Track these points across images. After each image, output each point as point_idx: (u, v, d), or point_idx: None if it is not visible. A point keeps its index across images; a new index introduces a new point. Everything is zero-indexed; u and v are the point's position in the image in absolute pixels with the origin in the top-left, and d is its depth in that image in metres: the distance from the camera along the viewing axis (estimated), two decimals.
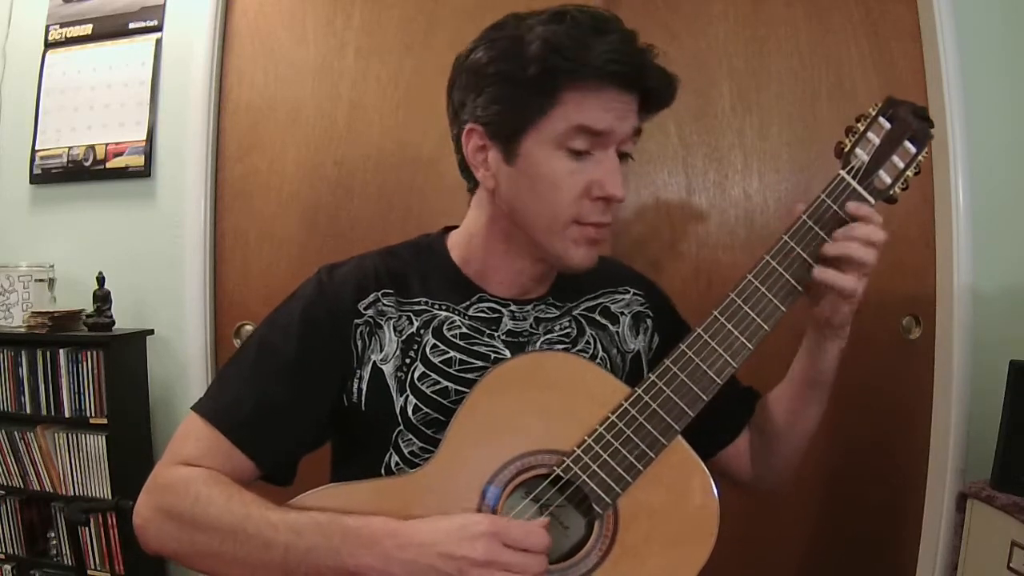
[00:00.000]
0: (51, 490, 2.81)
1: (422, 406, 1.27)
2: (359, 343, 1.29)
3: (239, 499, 1.14)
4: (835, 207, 1.21)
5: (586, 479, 1.14)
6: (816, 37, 2.64)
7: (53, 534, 2.87)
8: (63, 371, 2.75)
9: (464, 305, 1.34)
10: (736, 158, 2.67)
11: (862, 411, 2.61)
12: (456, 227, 1.44)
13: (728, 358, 1.17)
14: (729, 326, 1.18)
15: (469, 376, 1.28)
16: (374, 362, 1.29)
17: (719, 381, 1.17)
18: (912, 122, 1.24)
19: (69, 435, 2.74)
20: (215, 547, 1.12)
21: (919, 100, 2.47)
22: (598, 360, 1.37)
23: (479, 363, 1.29)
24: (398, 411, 1.27)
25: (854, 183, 1.22)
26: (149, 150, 2.92)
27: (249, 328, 2.80)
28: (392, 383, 1.28)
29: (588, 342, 1.38)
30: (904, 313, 2.62)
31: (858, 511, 2.67)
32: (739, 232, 2.66)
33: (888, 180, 1.23)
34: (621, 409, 1.16)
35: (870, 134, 1.24)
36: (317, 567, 1.09)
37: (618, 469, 1.14)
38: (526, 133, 1.23)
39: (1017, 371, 2.12)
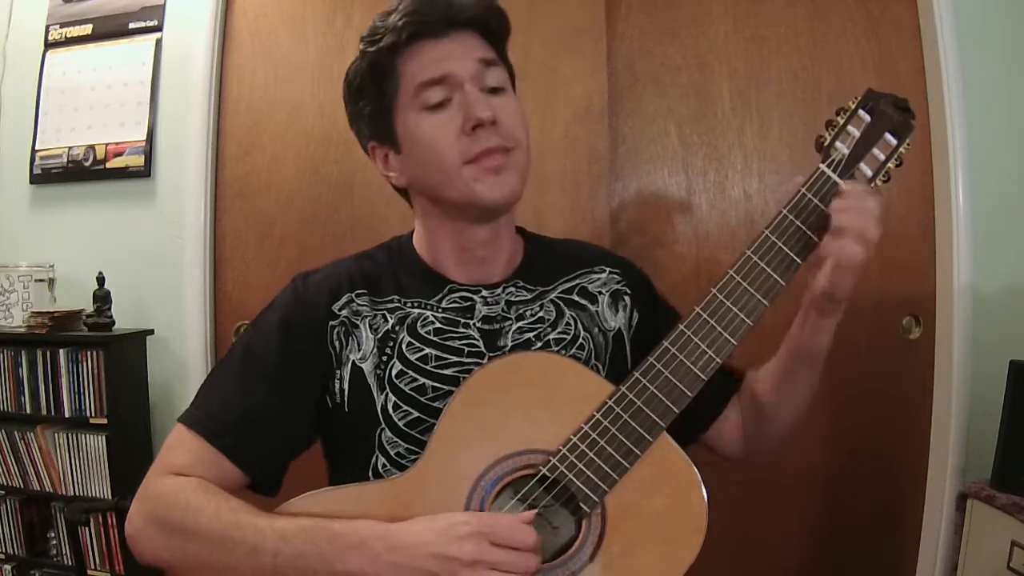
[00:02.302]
0: (51, 490, 2.82)
1: (401, 404, 1.27)
2: (336, 344, 1.30)
3: (227, 507, 1.14)
4: (816, 200, 1.20)
5: (572, 478, 1.13)
6: (816, 37, 2.64)
7: (53, 534, 2.88)
8: (63, 371, 2.76)
9: (436, 299, 1.34)
10: (736, 158, 2.67)
11: (862, 411, 2.61)
12: None
13: (712, 354, 1.16)
14: (712, 322, 1.17)
15: (446, 372, 1.28)
16: (353, 361, 1.29)
17: (703, 377, 1.16)
18: (892, 114, 1.23)
19: (69, 435, 2.75)
20: (205, 556, 1.13)
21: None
22: (580, 339, 1.37)
23: (454, 358, 1.29)
24: (379, 410, 1.27)
25: (834, 176, 1.21)
26: (149, 150, 2.92)
27: None
28: (372, 381, 1.28)
29: (568, 323, 1.37)
30: (904, 313, 2.62)
31: (858, 511, 2.67)
32: (739, 232, 2.66)
33: (869, 172, 1.22)
34: (606, 407, 1.15)
35: (850, 127, 1.23)
36: (305, 572, 1.09)
37: (604, 467, 1.13)
38: (393, 117, 1.32)
39: (1017, 371, 2.12)
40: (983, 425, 2.38)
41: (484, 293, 1.36)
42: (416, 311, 1.33)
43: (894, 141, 1.23)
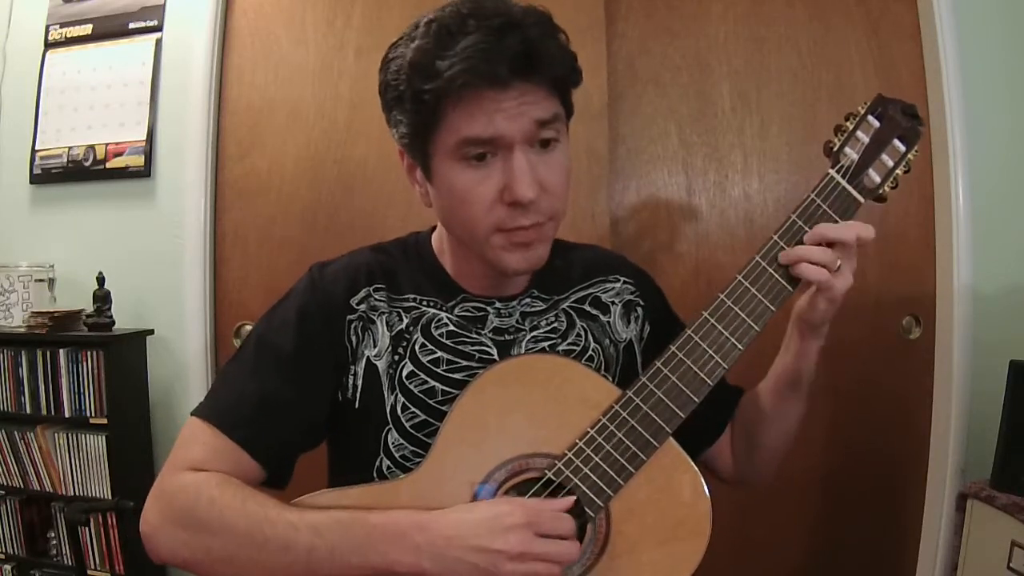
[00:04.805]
0: (51, 490, 2.81)
1: (409, 405, 1.26)
2: (353, 338, 1.29)
3: (255, 501, 1.12)
4: (824, 206, 1.20)
5: (577, 482, 1.13)
6: (816, 37, 2.64)
7: (53, 534, 2.88)
8: (63, 371, 2.75)
9: (451, 304, 1.34)
10: (736, 158, 2.67)
11: (862, 411, 2.61)
12: None
13: (719, 359, 1.16)
14: (719, 327, 1.17)
15: (456, 376, 1.28)
16: (368, 357, 1.28)
17: (709, 383, 1.16)
18: (901, 120, 1.23)
19: (69, 435, 2.74)
20: (231, 552, 1.10)
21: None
22: (590, 351, 1.36)
23: (465, 362, 1.29)
24: (388, 410, 1.26)
25: (843, 182, 1.21)
26: (149, 150, 2.92)
27: (249, 328, 2.79)
28: (384, 380, 1.28)
29: (579, 334, 1.37)
30: (904, 313, 2.62)
31: (858, 511, 2.67)
32: (739, 232, 2.66)
33: (878, 179, 1.23)
34: (612, 412, 1.15)
35: (859, 133, 1.23)
36: (341, 566, 1.07)
37: (609, 472, 1.13)
38: (429, 153, 1.21)
39: (1017, 371, 2.12)
40: (983, 425, 2.38)
41: (498, 305, 1.35)
42: (431, 311, 1.32)
43: (903, 147, 1.23)
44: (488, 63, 1.09)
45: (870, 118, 1.24)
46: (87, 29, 3.01)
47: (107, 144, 2.96)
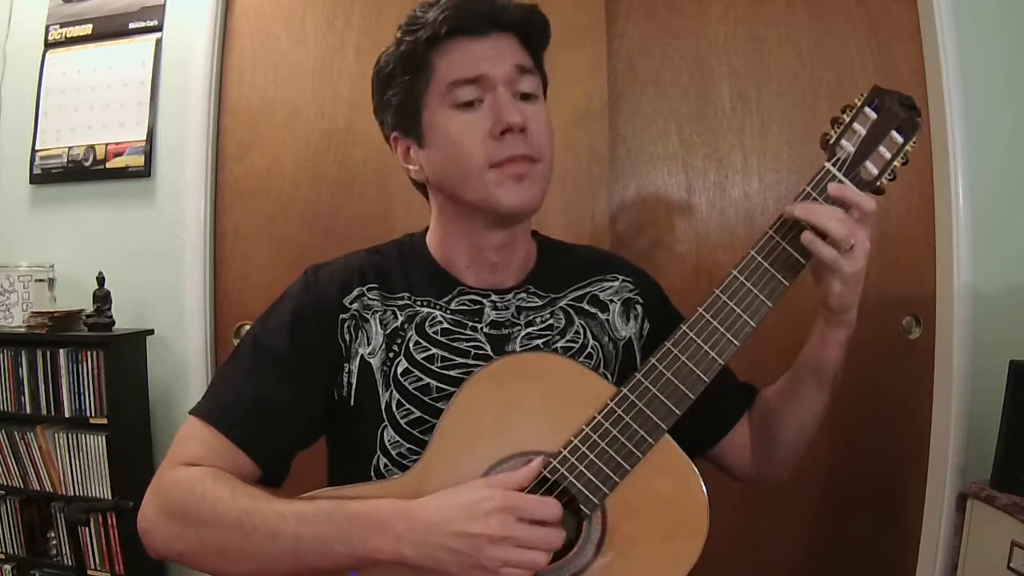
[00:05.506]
0: (51, 490, 2.81)
1: (404, 402, 1.27)
2: (346, 336, 1.30)
3: (244, 493, 1.14)
4: (820, 199, 1.19)
5: (573, 480, 1.13)
6: (816, 37, 2.64)
7: (53, 534, 2.88)
8: (63, 371, 2.76)
9: (446, 299, 1.35)
10: (736, 158, 2.66)
11: (862, 411, 2.60)
12: None
13: (715, 355, 1.16)
14: (715, 323, 1.16)
15: (451, 373, 1.28)
16: (362, 355, 1.30)
17: (706, 379, 1.15)
18: (899, 112, 1.22)
19: (69, 435, 2.75)
20: (222, 543, 1.12)
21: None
22: (589, 348, 1.37)
23: (460, 359, 1.29)
24: (383, 407, 1.27)
25: (839, 175, 1.20)
26: (149, 150, 2.92)
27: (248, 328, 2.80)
28: (378, 377, 1.29)
29: (578, 332, 1.37)
30: (904, 313, 2.61)
31: (858, 511, 2.66)
32: (739, 232, 2.66)
33: (875, 171, 1.21)
34: (607, 408, 1.15)
35: (856, 125, 1.22)
36: (327, 554, 1.08)
37: (605, 469, 1.13)
38: (421, 111, 1.30)
39: (1017, 371, 2.12)
40: (983, 425, 2.38)
41: (494, 298, 1.36)
42: (425, 310, 1.33)
43: (900, 139, 1.22)
44: (464, 11, 1.25)
45: (867, 110, 1.23)
46: (87, 29, 3.01)
47: (107, 144, 2.96)
